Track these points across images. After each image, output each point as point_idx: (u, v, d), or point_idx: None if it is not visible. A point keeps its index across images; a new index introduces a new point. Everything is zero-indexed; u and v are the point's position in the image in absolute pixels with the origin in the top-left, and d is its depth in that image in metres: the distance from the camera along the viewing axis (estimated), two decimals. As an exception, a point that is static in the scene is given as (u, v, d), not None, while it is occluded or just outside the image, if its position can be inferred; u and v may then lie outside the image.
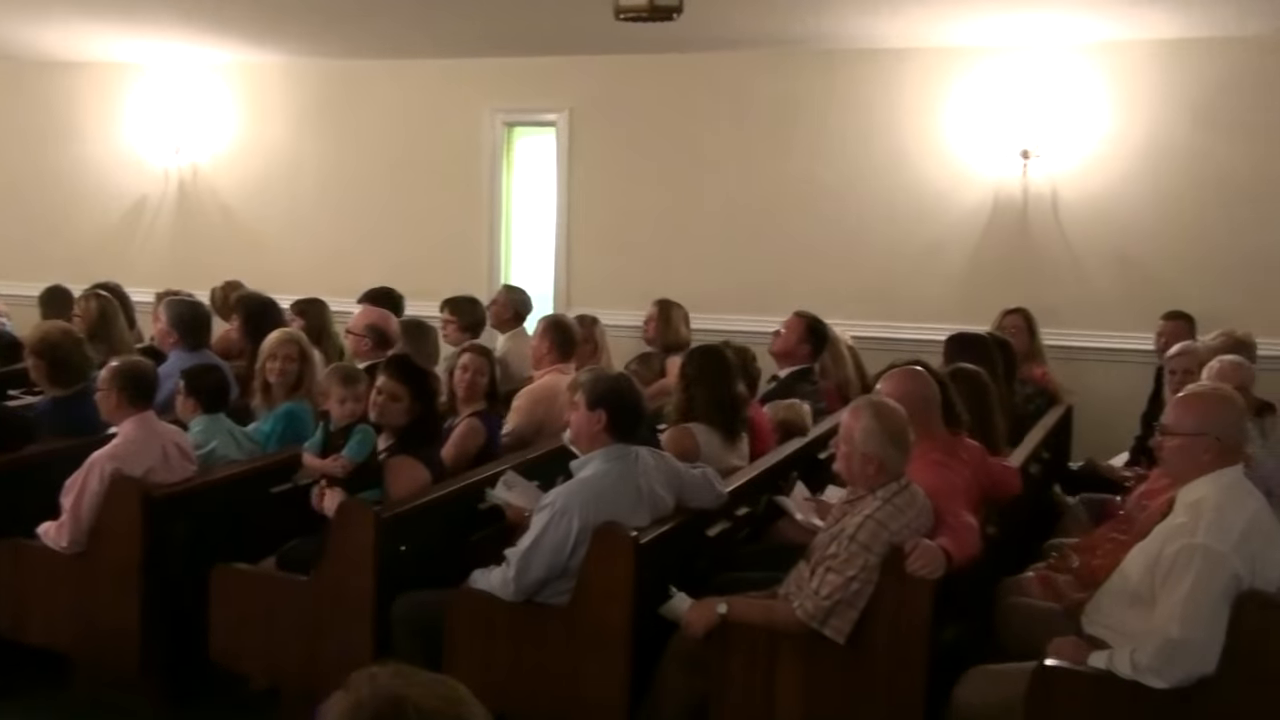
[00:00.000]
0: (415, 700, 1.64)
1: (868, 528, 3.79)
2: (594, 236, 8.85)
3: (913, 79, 7.99)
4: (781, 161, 8.32)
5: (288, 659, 4.50)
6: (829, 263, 8.16)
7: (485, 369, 5.50)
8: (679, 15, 5.63)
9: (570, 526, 4.06)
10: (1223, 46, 7.29)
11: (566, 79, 8.82)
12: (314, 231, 9.55)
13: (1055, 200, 7.72)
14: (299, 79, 9.58)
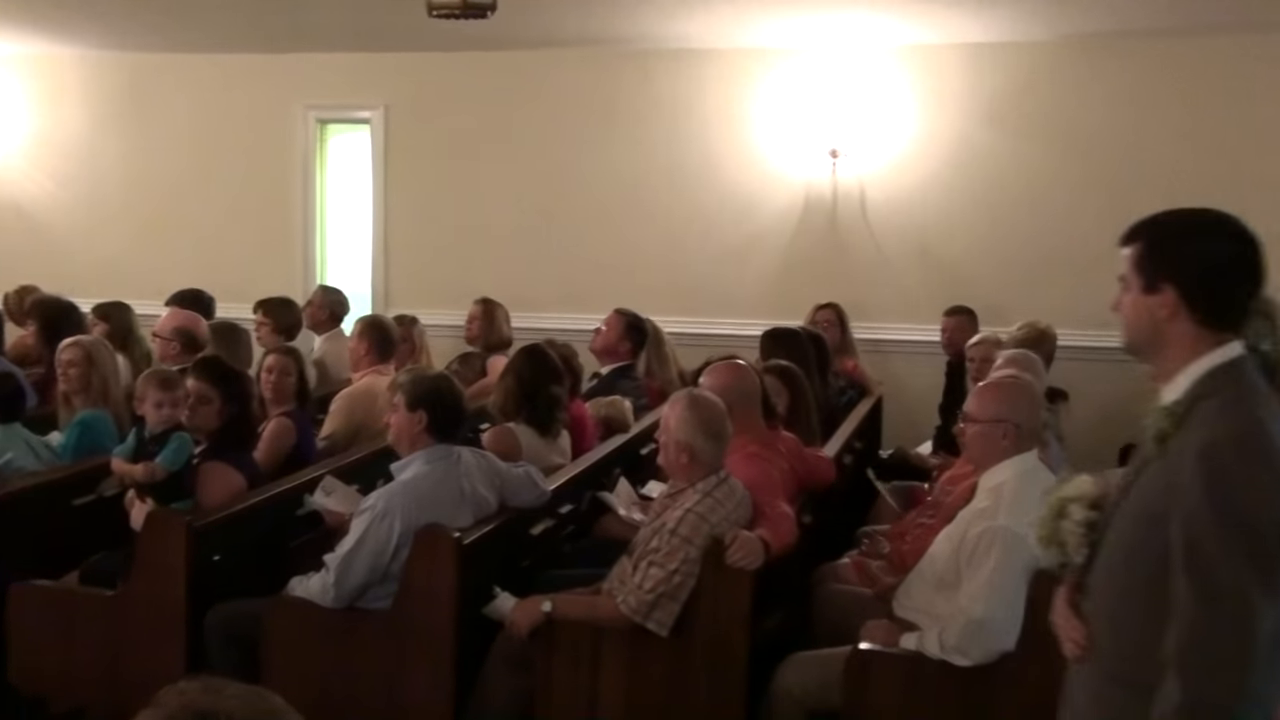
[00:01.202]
0: (225, 714, 1.61)
1: (688, 521, 3.86)
2: (412, 236, 8.75)
3: (723, 79, 8.14)
4: (599, 160, 8.37)
5: (92, 678, 4.32)
6: (646, 260, 8.24)
7: (291, 369, 5.38)
8: (493, 13, 5.61)
9: (392, 529, 4.01)
10: (1016, 51, 7.65)
11: (381, 76, 8.69)
12: (118, 232, 9.17)
13: (863, 199, 7.96)
14: (99, 73, 9.19)
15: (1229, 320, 2.27)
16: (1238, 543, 2.08)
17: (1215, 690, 2.08)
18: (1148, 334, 2.31)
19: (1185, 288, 2.25)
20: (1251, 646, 2.07)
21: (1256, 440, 2.14)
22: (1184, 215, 2.39)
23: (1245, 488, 2.10)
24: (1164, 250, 2.30)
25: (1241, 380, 2.23)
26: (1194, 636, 2.10)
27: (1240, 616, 2.07)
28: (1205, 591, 2.09)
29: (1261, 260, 2.29)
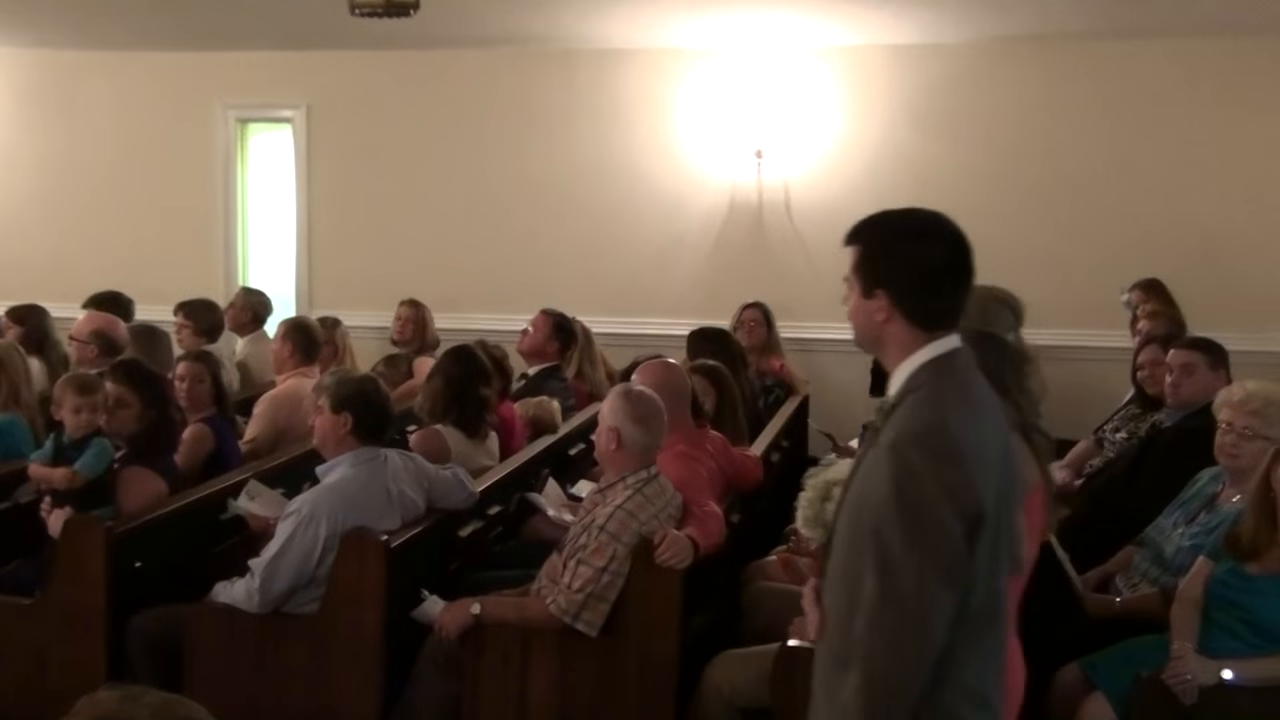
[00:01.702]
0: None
1: (617, 518, 3.87)
2: (335, 236, 8.67)
3: (646, 79, 8.16)
4: (524, 160, 8.35)
5: (11, 688, 4.23)
6: (573, 260, 8.24)
7: (204, 375, 5.29)
8: (416, 11, 5.57)
9: (318, 533, 3.98)
10: (939, 52, 7.75)
11: (302, 74, 8.60)
12: (33, 233, 8.96)
13: (788, 199, 8.03)
14: (13, 70, 8.99)
15: (940, 319, 2.35)
16: (916, 534, 2.17)
17: (890, 675, 2.17)
18: (871, 335, 2.40)
19: (898, 292, 2.33)
20: (927, 634, 2.17)
21: (938, 436, 2.21)
22: (896, 218, 2.49)
23: (925, 481, 2.18)
24: (878, 255, 2.40)
25: (943, 376, 2.31)
26: (873, 622, 2.19)
27: (917, 605, 2.16)
28: (886, 579, 2.18)
29: (970, 260, 2.39)
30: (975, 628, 2.25)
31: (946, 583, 2.18)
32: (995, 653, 2.33)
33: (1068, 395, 7.41)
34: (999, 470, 2.26)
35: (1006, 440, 2.36)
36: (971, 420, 2.26)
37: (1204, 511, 4.16)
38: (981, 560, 2.22)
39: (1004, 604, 2.33)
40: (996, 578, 2.27)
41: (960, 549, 2.18)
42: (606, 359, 7.13)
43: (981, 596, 2.24)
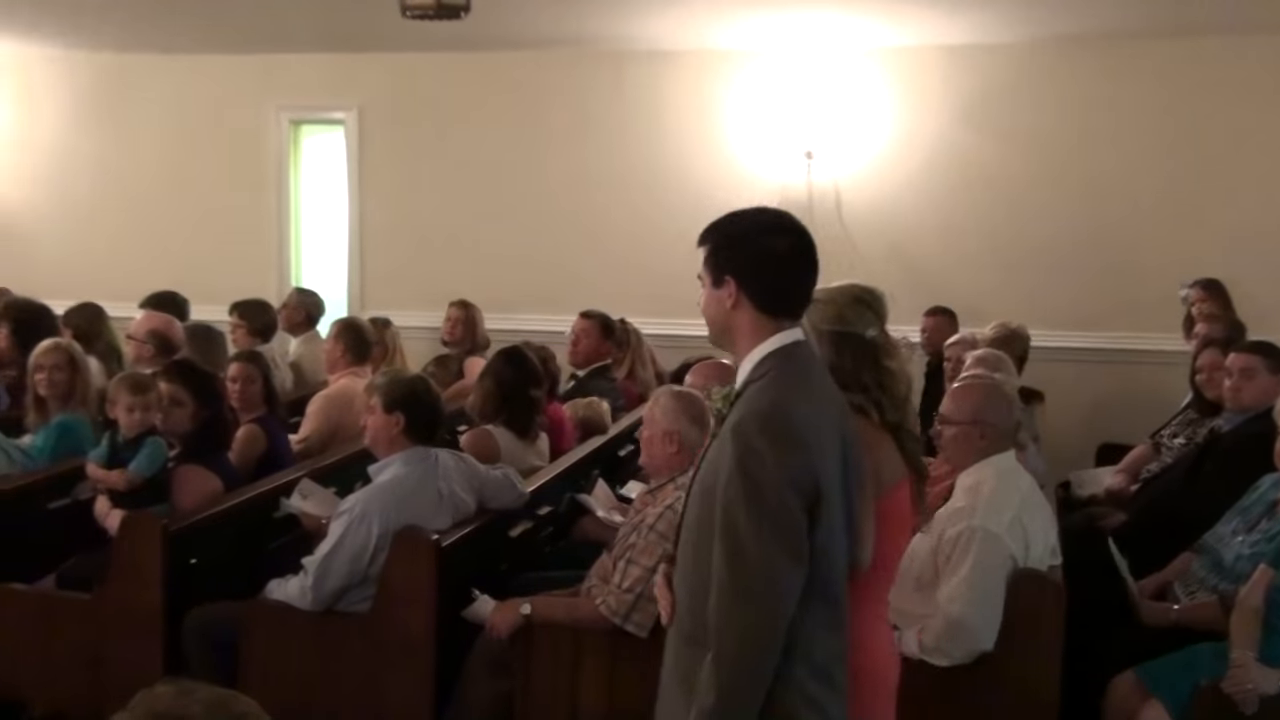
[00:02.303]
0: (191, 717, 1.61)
1: (667, 518, 3.85)
2: (386, 237, 8.73)
3: (697, 80, 8.14)
4: (574, 161, 8.37)
5: (71, 682, 4.30)
6: (621, 261, 8.24)
7: (255, 375, 5.35)
8: (467, 14, 5.60)
9: (370, 532, 4.00)
10: (992, 53, 7.68)
11: (355, 76, 8.66)
12: (91, 234, 9.10)
13: (839, 200, 7.98)
14: (72, 73, 9.12)
15: (786, 309, 2.50)
16: (762, 513, 2.29)
17: (745, 651, 2.29)
18: (721, 325, 2.53)
19: (745, 281, 2.48)
20: (778, 610, 2.29)
21: (778, 420, 2.34)
22: (745, 215, 2.63)
23: (767, 462, 2.30)
24: (728, 248, 2.53)
25: (787, 364, 2.44)
26: (725, 600, 2.31)
27: (766, 582, 2.29)
28: (735, 559, 2.30)
29: (813, 252, 2.55)
30: (819, 605, 2.37)
31: (792, 560, 2.30)
32: (838, 631, 2.44)
33: (1123, 400, 7.35)
34: (838, 452, 2.40)
35: (845, 430, 2.47)
36: (809, 407, 2.39)
37: (1265, 519, 4.10)
38: (822, 540, 2.34)
39: (844, 584, 2.45)
40: (836, 557, 2.40)
41: (802, 527, 2.31)
42: (657, 359, 7.12)
43: (823, 575, 2.36)
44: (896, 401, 2.78)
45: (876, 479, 2.64)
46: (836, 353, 2.74)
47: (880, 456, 2.69)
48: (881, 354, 2.79)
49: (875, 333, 2.80)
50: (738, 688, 2.31)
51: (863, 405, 2.71)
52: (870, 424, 2.71)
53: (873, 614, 2.70)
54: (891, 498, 2.70)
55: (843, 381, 2.67)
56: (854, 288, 2.90)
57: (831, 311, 2.79)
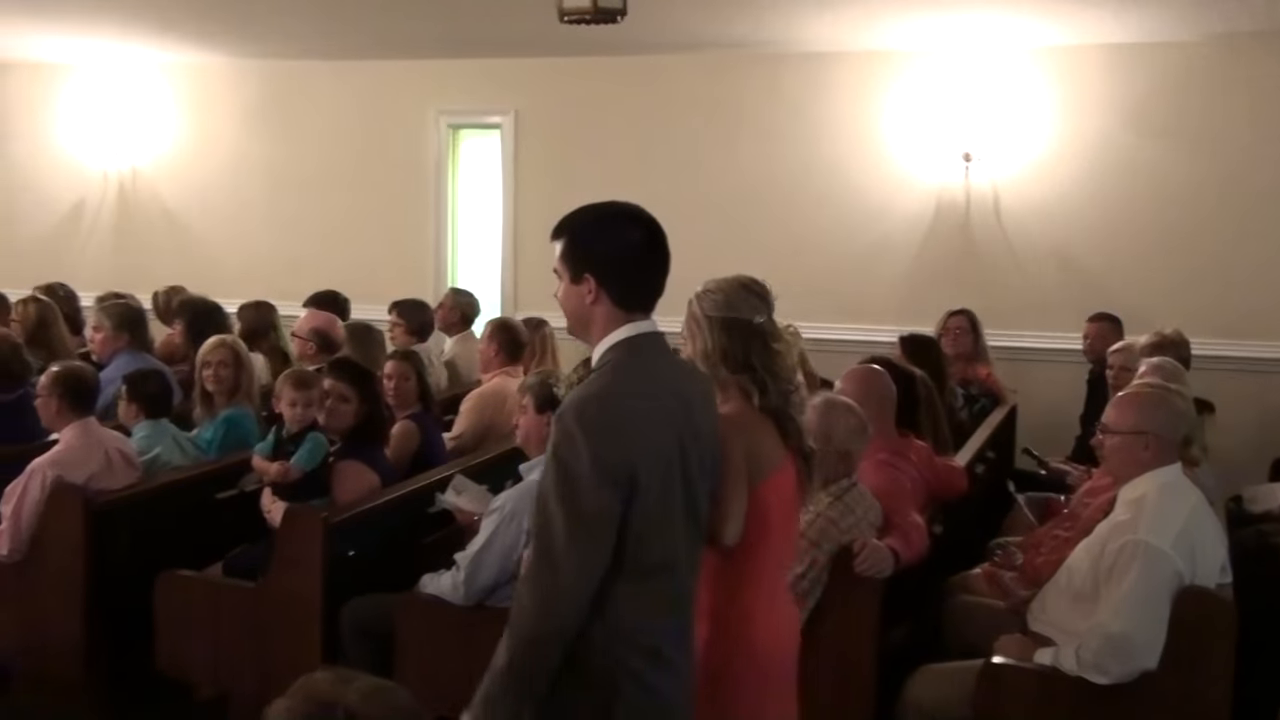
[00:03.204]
0: (344, 706, 1.65)
1: (817, 525, 3.82)
2: (541, 238, 8.64)
3: (853, 82, 8.05)
4: (726, 164, 8.35)
5: (235, 666, 4.46)
6: (774, 265, 7.99)
7: (409, 373, 5.45)
8: (623, 18, 5.63)
9: (520, 530, 4.04)
10: (1162, 52, 7.41)
11: (511, 81, 8.80)
12: (259, 234, 9.45)
13: (998, 203, 7.80)
14: (242, 80, 9.48)
15: (639, 301, 2.60)
16: (568, 496, 2.39)
17: (536, 624, 2.40)
18: (580, 318, 2.63)
19: (602, 275, 2.57)
20: (572, 588, 2.39)
21: (595, 407, 2.44)
22: (598, 210, 2.73)
23: (579, 447, 2.39)
24: (584, 243, 2.63)
25: (626, 354, 2.54)
26: (529, 576, 2.45)
27: (565, 561, 2.38)
28: (541, 537, 2.42)
29: (666, 248, 2.70)
30: (642, 584, 2.46)
31: (594, 545, 2.39)
32: (669, 609, 2.54)
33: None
34: (670, 442, 2.49)
35: (695, 418, 2.59)
36: (637, 397, 2.48)
37: None
38: (639, 526, 2.42)
39: (679, 564, 2.55)
40: (665, 538, 2.49)
41: (610, 514, 2.39)
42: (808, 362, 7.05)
43: (647, 555, 2.45)
44: (781, 384, 2.89)
45: (755, 462, 2.77)
46: (726, 337, 2.89)
47: (758, 440, 2.82)
48: (769, 338, 2.93)
49: (763, 319, 2.95)
50: (526, 656, 2.42)
51: (747, 387, 2.85)
52: (751, 408, 2.84)
53: (762, 593, 2.84)
54: (772, 480, 2.81)
55: (731, 365, 2.85)
56: (741, 277, 3.09)
57: (720, 299, 2.97)
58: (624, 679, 2.47)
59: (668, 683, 2.53)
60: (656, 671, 2.51)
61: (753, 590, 2.83)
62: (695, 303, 2.99)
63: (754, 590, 2.83)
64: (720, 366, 2.88)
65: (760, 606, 2.85)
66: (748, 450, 2.78)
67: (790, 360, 2.95)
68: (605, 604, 2.43)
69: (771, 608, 2.89)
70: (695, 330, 2.97)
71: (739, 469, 2.74)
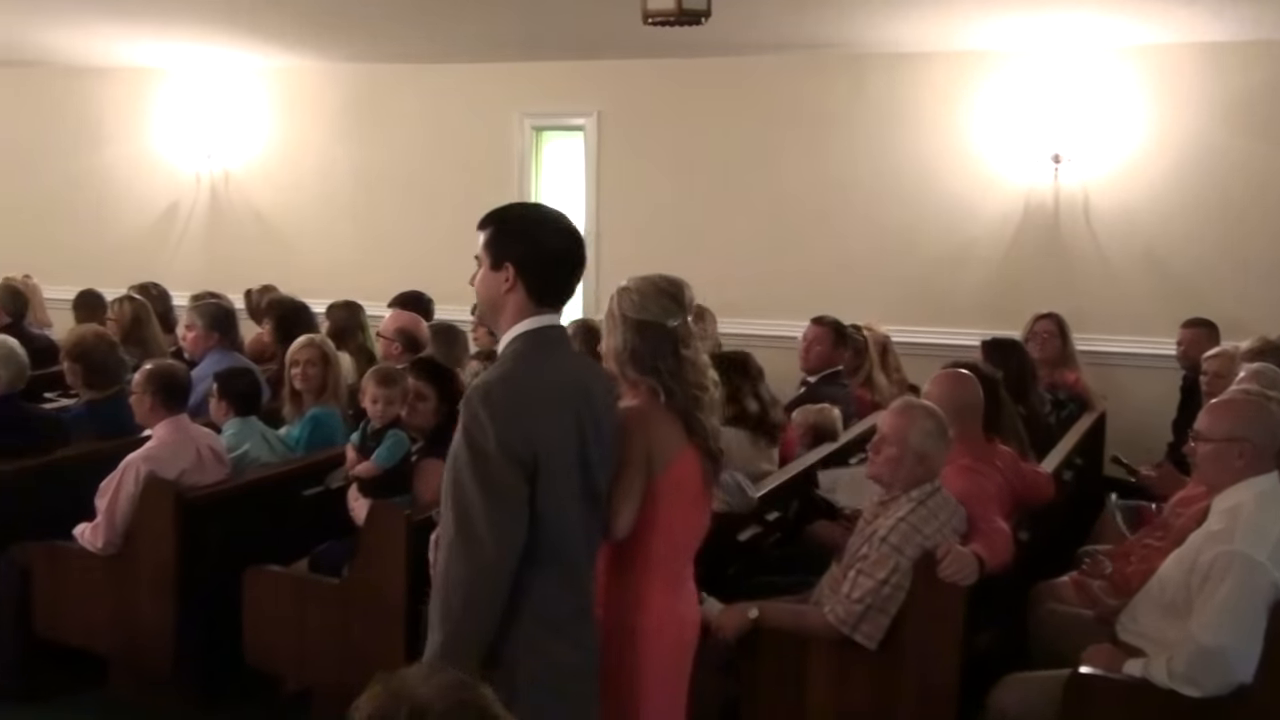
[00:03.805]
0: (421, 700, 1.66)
1: (900, 530, 3.78)
2: (622, 241, 8.85)
3: (940, 83, 7.97)
4: (810, 166, 8.31)
5: (320, 661, 4.52)
6: (859, 267, 8.13)
7: None
8: (707, 19, 5.63)
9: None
10: (1261, 50, 7.23)
11: (595, 83, 8.84)
12: (346, 235, 9.59)
13: (1087, 206, 7.67)
14: (330, 83, 9.63)
15: (551, 297, 2.78)
16: (480, 478, 2.56)
17: (466, 601, 2.57)
18: (492, 304, 2.80)
19: (523, 271, 2.74)
20: (494, 566, 2.55)
21: (500, 390, 2.63)
22: (526, 209, 3.05)
23: (487, 428, 2.58)
24: (509, 235, 2.80)
25: (530, 343, 2.73)
26: (451, 554, 2.59)
27: (487, 536, 2.55)
28: (458, 518, 2.59)
29: (583, 252, 2.87)
30: (544, 561, 2.63)
31: (510, 521, 2.57)
32: (568, 587, 2.71)
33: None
34: (569, 428, 2.67)
35: (593, 409, 2.75)
36: (538, 383, 2.67)
37: None
38: (544, 504, 2.61)
39: (578, 545, 2.72)
40: (565, 523, 2.66)
41: (519, 492, 2.57)
42: (901, 367, 6.99)
43: (549, 538, 2.63)
44: (688, 387, 2.97)
45: (656, 456, 2.90)
46: (638, 338, 2.98)
47: (658, 436, 2.93)
48: (680, 343, 3.00)
49: (676, 323, 3.02)
50: (461, 629, 2.57)
51: (654, 387, 2.94)
52: (657, 405, 2.95)
53: (658, 580, 2.97)
54: (671, 473, 2.94)
55: (638, 365, 2.96)
56: (660, 279, 3.15)
57: (637, 300, 3.03)
58: (525, 652, 2.64)
59: (568, 656, 2.72)
60: (559, 646, 2.68)
61: (649, 577, 2.97)
62: (614, 300, 3.07)
63: (650, 577, 2.97)
64: (628, 365, 2.98)
65: (655, 593, 2.97)
66: (648, 445, 2.91)
67: (700, 363, 3.03)
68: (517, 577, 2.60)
69: (669, 594, 3.01)
70: (611, 327, 3.05)
71: (635, 465, 2.88)
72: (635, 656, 2.94)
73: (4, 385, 5.20)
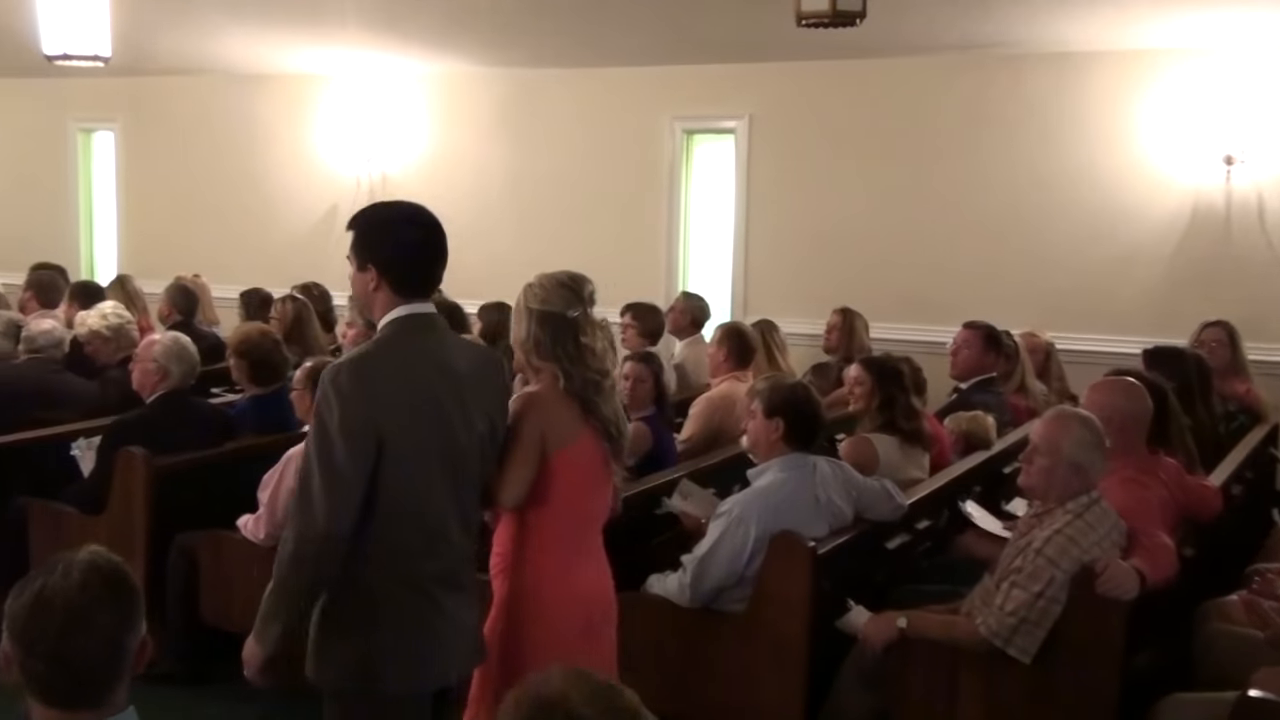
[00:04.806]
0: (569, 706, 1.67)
1: (1056, 542, 3.68)
2: (772, 244, 8.81)
3: (1106, 83, 7.72)
4: (967, 169, 8.14)
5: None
6: (1015, 272, 7.93)
7: (646, 376, 5.50)
8: (862, 20, 5.55)
9: (747, 534, 4.04)
10: None
11: (746, 86, 8.81)
12: (498, 238, 9.71)
13: (1262, 208, 7.35)
14: (485, 88, 9.80)
15: (415, 288, 3.02)
16: (322, 449, 2.83)
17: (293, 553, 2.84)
18: (363, 300, 3.09)
19: (383, 266, 2.99)
20: (323, 526, 2.80)
21: (347, 372, 2.87)
22: (385, 207, 3.21)
23: (334, 408, 2.83)
24: (369, 236, 3.04)
25: (391, 330, 2.98)
26: (292, 515, 2.88)
27: (321, 502, 2.81)
28: (302, 480, 2.87)
29: (443, 243, 3.07)
30: (399, 527, 2.88)
31: (342, 498, 2.81)
32: (427, 549, 2.93)
33: None
34: (420, 404, 2.89)
35: (461, 387, 2.97)
36: (388, 363, 2.91)
37: None
38: (390, 475, 2.84)
39: (439, 512, 2.95)
40: (418, 488, 2.90)
41: (354, 468, 2.81)
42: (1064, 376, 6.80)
43: (400, 502, 2.87)
44: (587, 372, 3.23)
45: (552, 435, 3.17)
46: (540, 328, 3.24)
47: (555, 418, 3.19)
48: (580, 332, 3.23)
49: (576, 313, 3.25)
50: (288, 580, 2.86)
51: (555, 373, 3.21)
52: (556, 389, 3.21)
53: (558, 551, 3.23)
54: (567, 451, 3.20)
55: (541, 353, 3.23)
56: (562, 275, 3.35)
57: (539, 293, 3.28)
58: (383, 604, 2.88)
59: (430, 616, 2.93)
60: (417, 602, 2.91)
61: (548, 548, 3.23)
62: (522, 294, 3.34)
63: (550, 548, 3.23)
64: (532, 353, 3.25)
65: (555, 564, 3.23)
66: (544, 426, 3.17)
67: (599, 350, 3.27)
68: (369, 540, 2.86)
69: (569, 565, 3.25)
70: (518, 318, 3.33)
71: (526, 443, 3.15)
72: (530, 622, 3.20)
73: (175, 381, 5.41)
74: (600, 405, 3.25)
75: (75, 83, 10.77)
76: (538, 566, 3.22)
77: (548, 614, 3.21)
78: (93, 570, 2.05)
